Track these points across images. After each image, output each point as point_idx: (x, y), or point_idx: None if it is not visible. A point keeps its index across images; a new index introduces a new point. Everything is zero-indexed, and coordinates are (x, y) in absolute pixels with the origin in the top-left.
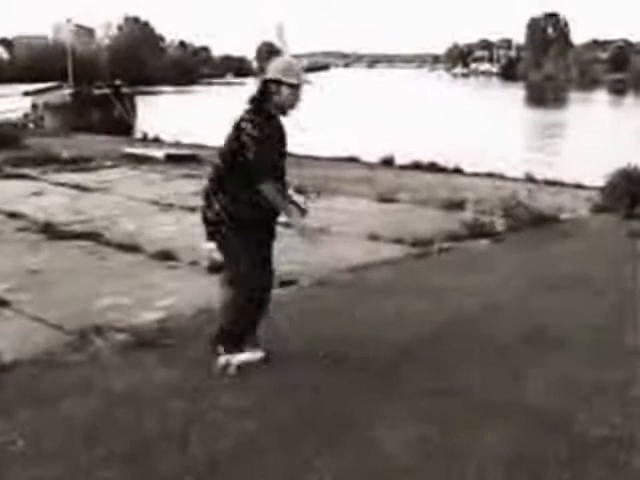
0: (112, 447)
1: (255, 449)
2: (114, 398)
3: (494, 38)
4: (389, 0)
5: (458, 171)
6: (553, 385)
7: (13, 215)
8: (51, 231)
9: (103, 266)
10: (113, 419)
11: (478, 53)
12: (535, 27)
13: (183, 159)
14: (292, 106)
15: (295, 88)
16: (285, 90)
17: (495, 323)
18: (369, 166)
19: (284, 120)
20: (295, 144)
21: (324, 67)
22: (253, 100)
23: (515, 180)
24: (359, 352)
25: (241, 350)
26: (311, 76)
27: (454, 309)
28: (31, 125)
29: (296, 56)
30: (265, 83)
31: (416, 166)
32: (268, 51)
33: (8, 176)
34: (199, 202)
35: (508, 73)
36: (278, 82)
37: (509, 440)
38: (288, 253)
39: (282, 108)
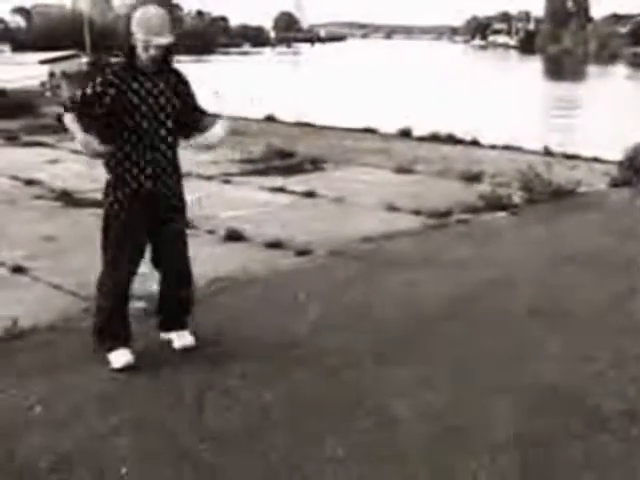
0: (127, 415)
1: (268, 420)
2: (128, 366)
3: (513, 10)
4: None
5: (476, 143)
6: (567, 359)
7: (29, 182)
8: (67, 199)
9: None
10: (129, 386)
11: (497, 25)
12: (554, 0)
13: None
14: (150, 65)
15: (147, 45)
16: (139, 46)
17: (510, 296)
18: (386, 137)
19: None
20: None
21: (341, 38)
22: (124, 56)
23: (533, 153)
24: (372, 324)
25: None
26: (328, 46)
27: (469, 281)
28: (48, 93)
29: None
30: (129, 37)
31: (434, 137)
32: (286, 21)
33: (25, 144)
34: (216, 171)
35: (526, 46)
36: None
37: (521, 413)
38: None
39: (149, 62)
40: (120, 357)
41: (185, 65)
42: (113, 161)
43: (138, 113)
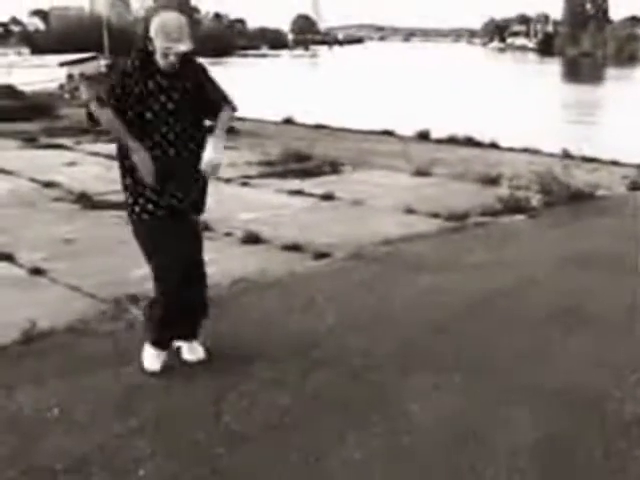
0: (145, 417)
1: (287, 422)
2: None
3: (531, 13)
4: None
5: (494, 146)
6: (586, 363)
7: (48, 185)
8: (86, 201)
9: None
10: (147, 389)
11: (515, 28)
12: (573, 2)
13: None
14: (167, 68)
15: (166, 50)
16: (158, 51)
17: (528, 299)
18: (404, 139)
19: None
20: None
21: (359, 40)
22: (138, 56)
23: (551, 156)
24: (391, 327)
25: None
26: (346, 48)
27: (488, 284)
28: (66, 95)
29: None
30: (146, 40)
31: (452, 140)
32: (303, 23)
33: (43, 146)
34: (234, 173)
35: (545, 48)
36: (153, 41)
37: (541, 417)
38: None
39: (165, 67)
40: (156, 359)
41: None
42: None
43: (151, 113)
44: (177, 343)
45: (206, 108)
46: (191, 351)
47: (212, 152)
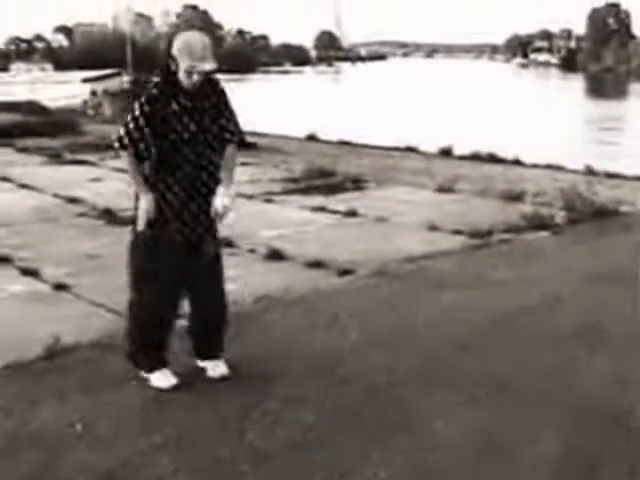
0: (169, 433)
1: (310, 440)
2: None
3: (554, 28)
4: None
5: (517, 162)
6: (610, 380)
7: (72, 200)
8: (110, 217)
9: None
10: (170, 405)
11: (538, 43)
12: (596, 18)
13: (241, 147)
14: (189, 88)
15: (190, 69)
16: (182, 71)
17: (552, 316)
18: (427, 156)
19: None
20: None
21: (382, 56)
22: (162, 77)
23: (575, 172)
24: (415, 344)
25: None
26: (369, 65)
27: (511, 301)
28: (90, 112)
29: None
30: (168, 60)
31: (475, 157)
32: (326, 40)
33: (67, 162)
34: (257, 190)
35: (567, 64)
36: (177, 61)
37: (566, 434)
38: None
39: (188, 87)
40: (163, 378)
41: (226, 84)
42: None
43: (175, 134)
44: (201, 362)
45: (217, 134)
46: (214, 368)
47: (222, 198)
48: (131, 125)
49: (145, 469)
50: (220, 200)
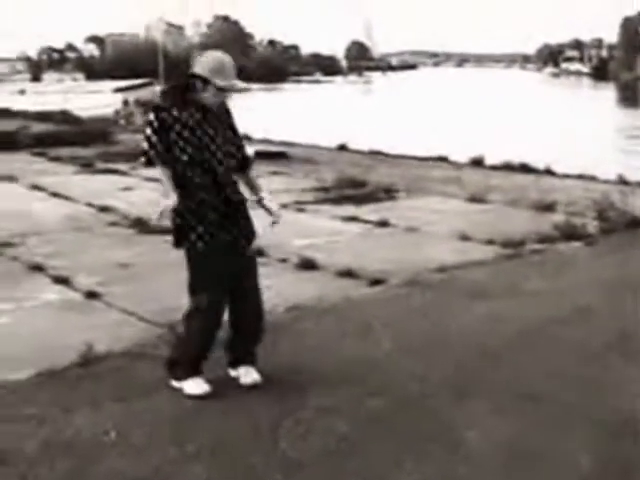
0: (202, 442)
1: (343, 448)
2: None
3: (585, 38)
4: None
5: (549, 172)
6: None
7: (104, 209)
8: (141, 226)
9: None
10: (203, 414)
11: (569, 53)
12: (628, 26)
13: (272, 156)
14: (215, 106)
15: (222, 90)
16: (211, 90)
17: (583, 328)
18: (458, 166)
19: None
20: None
21: (412, 66)
22: (175, 89)
23: (607, 182)
24: (447, 353)
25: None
26: (400, 75)
27: (544, 312)
28: (122, 121)
29: (385, 55)
30: (191, 77)
31: (506, 166)
32: (357, 50)
33: (100, 171)
34: (289, 199)
35: (599, 73)
36: (205, 80)
37: (599, 444)
38: None
39: (208, 105)
40: (199, 385)
41: (256, 94)
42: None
43: (190, 146)
44: (234, 371)
45: (229, 146)
46: (248, 375)
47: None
48: (153, 139)
49: (177, 477)
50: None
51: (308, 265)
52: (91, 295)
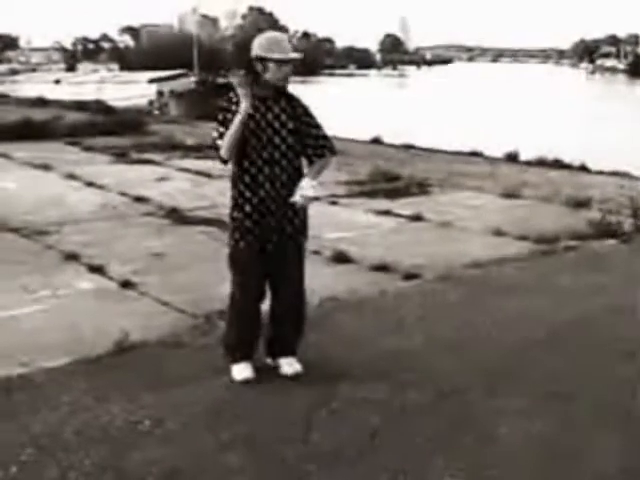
0: (236, 432)
1: (376, 441)
2: (237, 384)
3: (622, 33)
4: None
5: (583, 168)
6: None
7: (139, 199)
8: (176, 216)
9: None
10: (237, 404)
11: (605, 49)
12: None
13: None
14: (282, 82)
15: (281, 63)
16: (272, 66)
17: (616, 326)
18: (492, 161)
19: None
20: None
21: (447, 60)
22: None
23: None
24: (480, 349)
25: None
26: (434, 69)
27: (576, 310)
28: (156, 112)
29: (419, 49)
30: (250, 62)
31: (540, 162)
32: (391, 43)
33: (134, 161)
34: (323, 192)
35: (635, 70)
36: (262, 59)
37: (631, 445)
38: None
39: (273, 86)
40: (241, 371)
41: (291, 86)
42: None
43: (254, 137)
44: (277, 361)
45: (306, 143)
46: (290, 365)
47: (306, 185)
48: (221, 129)
49: (212, 466)
50: (304, 185)
51: (342, 258)
52: (126, 284)
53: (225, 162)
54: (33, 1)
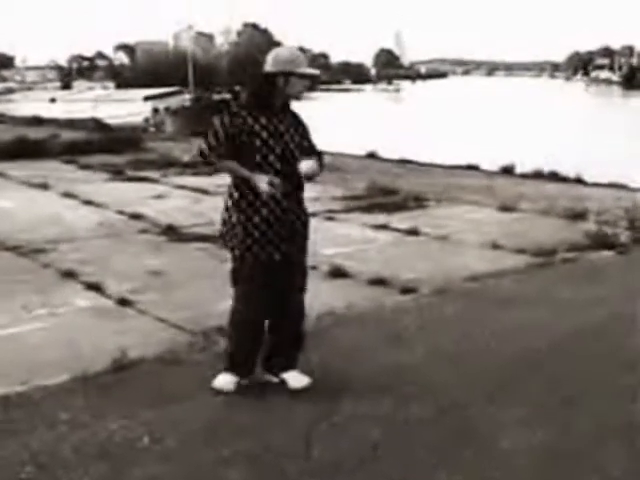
0: (236, 447)
1: (377, 455)
2: (236, 399)
3: (616, 45)
4: (509, 7)
5: (579, 181)
6: None
7: (136, 217)
8: (172, 233)
9: (225, 269)
10: (236, 419)
11: (599, 61)
12: None
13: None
14: (299, 95)
15: (304, 77)
16: (295, 81)
17: (616, 337)
18: (489, 174)
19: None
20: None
21: (442, 74)
22: (255, 95)
23: (638, 191)
24: (480, 362)
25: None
26: (429, 83)
27: (575, 321)
28: (152, 129)
29: (414, 63)
30: (268, 77)
31: (537, 175)
32: (386, 58)
33: (130, 178)
34: (319, 207)
35: (629, 81)
36: (288, 74)
37: (633, 454)
38: None
39: (294, 98)
40: (222, 381)
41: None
42: (236, 195)
43: (266, 148)
44: (275, 376)
45: (297, 150)
46: (296, 379)
47: (309, 162)
48: (211, 139)
49: None
50: (307, 162)
51: (339, 273)
52: (123, 302)
53: (211, 163)
54: (28, 20)
